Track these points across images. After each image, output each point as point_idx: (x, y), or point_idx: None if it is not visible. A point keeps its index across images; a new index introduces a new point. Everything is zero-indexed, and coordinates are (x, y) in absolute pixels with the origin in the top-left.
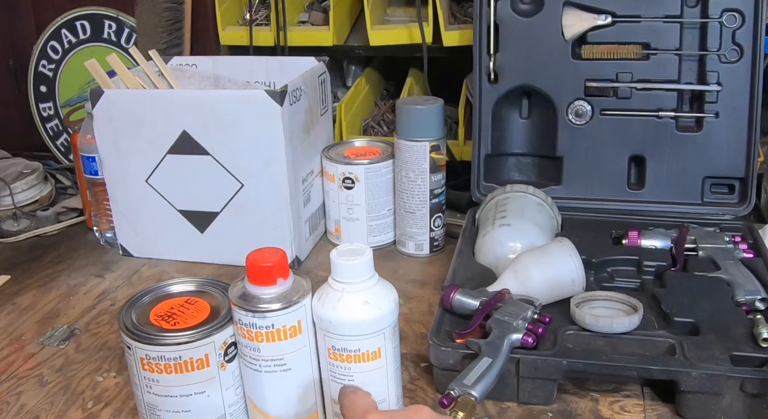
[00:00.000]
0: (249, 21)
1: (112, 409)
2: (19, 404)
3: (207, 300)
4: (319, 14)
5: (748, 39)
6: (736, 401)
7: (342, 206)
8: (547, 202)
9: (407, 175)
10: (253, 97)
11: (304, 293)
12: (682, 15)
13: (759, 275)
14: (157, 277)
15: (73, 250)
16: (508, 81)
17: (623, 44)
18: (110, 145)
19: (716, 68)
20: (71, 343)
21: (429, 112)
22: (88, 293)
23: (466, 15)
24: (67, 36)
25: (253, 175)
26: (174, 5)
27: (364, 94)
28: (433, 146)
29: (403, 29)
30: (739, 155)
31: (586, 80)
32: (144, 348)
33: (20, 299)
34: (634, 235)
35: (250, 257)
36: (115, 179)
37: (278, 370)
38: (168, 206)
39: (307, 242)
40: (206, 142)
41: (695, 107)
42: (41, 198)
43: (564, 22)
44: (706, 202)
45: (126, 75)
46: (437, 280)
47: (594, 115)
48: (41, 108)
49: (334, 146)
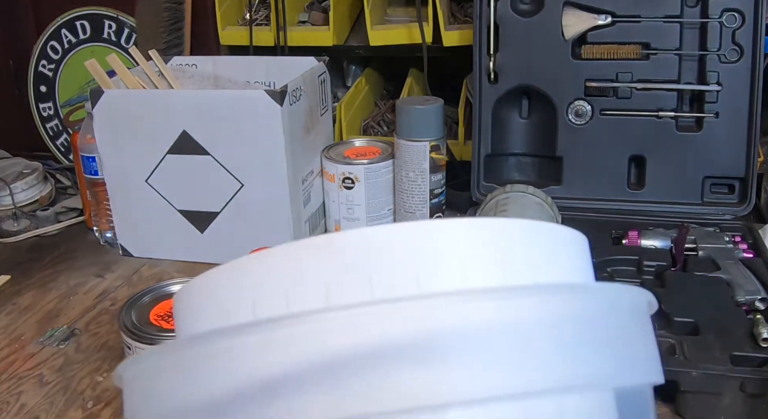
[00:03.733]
0: (249, 21)
1: (112, 409)
2: (19, 404)
3: None
4: (319, 14)
5: (748, 39)
6: (736, 401)
7: (342, 206)
8: (547, 202)
9: (407, 175)
10: (253, 97)
11: None
12: (682, 15)
13: (759, 275)
14: (157, 277)
15: (73, 250)
16: (508, 81)
17: (623, 44)
18: (110, 145)
19: (716, 68)
20: (71, 343)
21: (429, 112)
22: (88, 293)
23: (466, 15)
24: (67, 36)
25: (253, 175)
26: (174, 5)
27: (364, 94)
28: (433, 146)
29: (403, 29)
30: (739, 155)
31: (586, 80)
32: (144, 348)
33: (20, 299)
34: (634, 235)
35: None
36: (115, 179)
37: None
38: (168, 206)
39: None
40: (206, 142)
41: (695, 107)
42: (41, 198)
43: (564, 22)
44: (706, 202)
45: (126, 75)
46: None
47: (594, 115)
48: (41, 108)
49: (334, 146)
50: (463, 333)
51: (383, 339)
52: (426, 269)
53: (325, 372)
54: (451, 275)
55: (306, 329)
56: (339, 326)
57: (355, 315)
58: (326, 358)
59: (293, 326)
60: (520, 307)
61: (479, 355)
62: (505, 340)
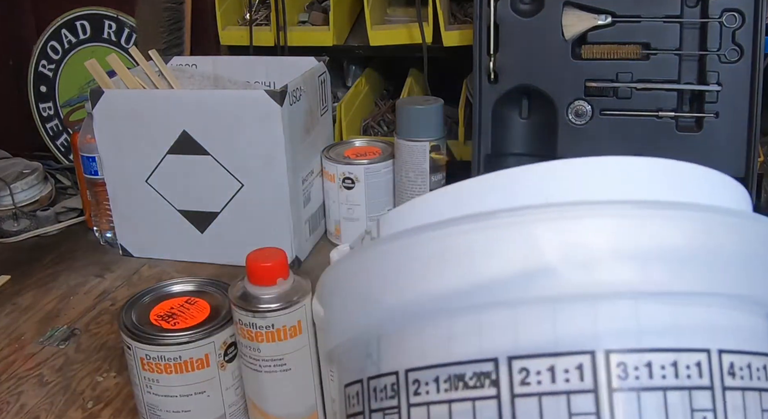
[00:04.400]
0: (249, 21)
1: (112, 409)
2: (19, 404)
3: (207, 300)
4: (319, 14)
5: (748, 39)
6: None
7: (342, 206)
8: None
9: (407, 175)
10: (253, 97)
11: (304, 293)
12: (682, 15)
13: None
14: (157, 277)
15: (73, 250)
16: (508, 81)
17: (623, 44)
18: (110, 145)
19: (716, 68)
20: (71, 343)
21: (429, 112)
22: (88, 293)
23: (466, 15)
24: (67, 36)
25: (253, 175)
26: (174, 5)
27: (364, 94)
28: (433, 146)
29: (403, 29)
30: (739, 155)
31: (586, 80)
32: (144, 348)
33: (20, 299)
34: None
35: (250, 257)
36: (115, 179)
37: (278, 370)
38: (168, 206)
39: (307, 243)
40: (206, 142)
41: (695, 107)
42: (41, 198)
43: (564, 22)
44: None
45: (126, 75)
46: None
47: (594, 115)
48: (41, 108)
49: (334, 146)
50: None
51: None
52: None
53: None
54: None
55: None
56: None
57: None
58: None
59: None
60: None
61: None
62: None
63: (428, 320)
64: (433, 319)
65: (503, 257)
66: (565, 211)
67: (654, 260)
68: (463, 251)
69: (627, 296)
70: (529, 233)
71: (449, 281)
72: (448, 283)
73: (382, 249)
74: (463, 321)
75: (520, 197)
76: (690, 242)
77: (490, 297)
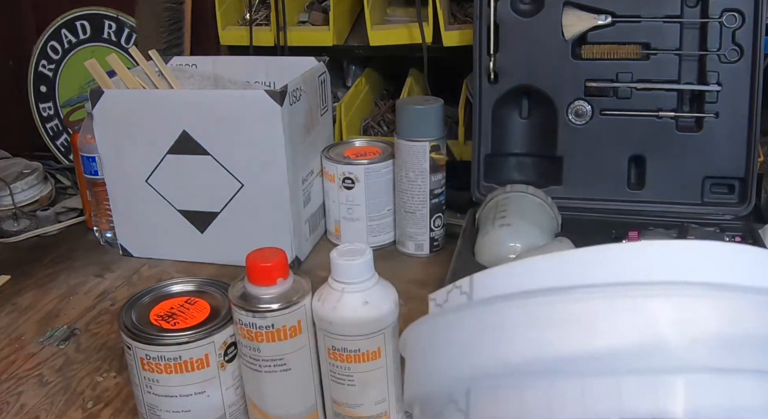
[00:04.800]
0: (249, 21)
1: (112, 409)
2: (19, 404)
3: (207, 300)
4: (319, 14)
5: (748, 39)
6: None
7: (342, 206)
8: (548, 202)
9: (407, 175)
10: (253, 97)
11: (304, 293)
12: (682, 15)
13: None
14: (157, 277)
15: (73, 250)
16: (508, 81)
17: (623, 44)
18: (110, 145)
19: (716, 68)
20: (71, 343)
21: (429, 112)
22: (88, 293)
23: (466, 15)
24: (67, 36)
25: (253, 175)
26: (174, 5)
27: (364, 94)
28: (433, 146)
29: (403, 29)
30: (739, 155)
31: (586, 80)
32: (144, 348)
33: (20, 299)
34: (634, 235)
35: (250, 257)
36: (115, 179)
37: (278, 370)
38: (168, 206)
39: (307, 243)
40: (206, 142)
41: (695, 106)
42: (41, 198)
43: (564, 22)
44: (706, 202)
45: (126, 75)
46: (437, 280)
47: (594, 115)
48: (41, 108)
49: (334, 146)
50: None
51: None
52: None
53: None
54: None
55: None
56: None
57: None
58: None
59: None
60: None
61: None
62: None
63: (531, 380)
64: (536, 380)
65: (621, 328)
66: (679, 288)
67: (760, 343)
68: (586, 318)
69: (724, 373)
70: (646, 307)
71: (569, 346)
72: (566, 348)
73: (490, 309)
74: (566, 384)
75: (624, 273)
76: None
77: (600, 364)
